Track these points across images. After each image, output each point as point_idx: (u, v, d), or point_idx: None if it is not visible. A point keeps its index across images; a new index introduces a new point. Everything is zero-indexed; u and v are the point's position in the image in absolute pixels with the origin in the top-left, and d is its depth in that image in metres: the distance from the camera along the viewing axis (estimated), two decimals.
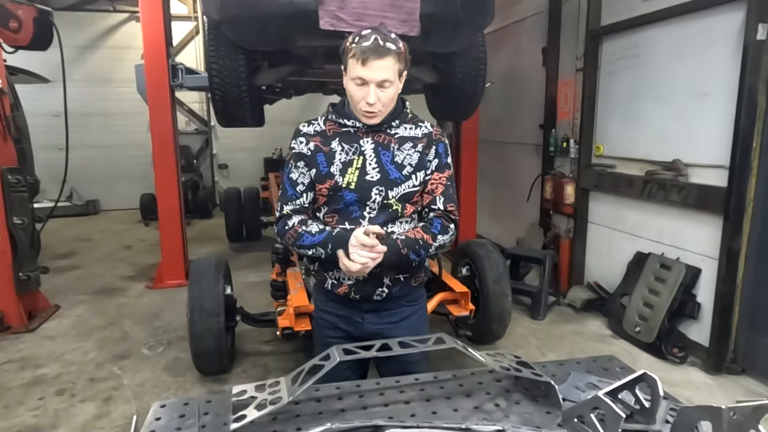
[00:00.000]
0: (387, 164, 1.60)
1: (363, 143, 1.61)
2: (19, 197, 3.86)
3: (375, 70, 1.47)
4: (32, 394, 3.03)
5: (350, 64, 1.50)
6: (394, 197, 1.60)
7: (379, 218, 1.60)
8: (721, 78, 3.14)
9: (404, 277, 1.68)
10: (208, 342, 2.97)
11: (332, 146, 1.60)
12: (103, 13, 9.08)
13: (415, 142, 1.63)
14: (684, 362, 3.34)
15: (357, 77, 1.48)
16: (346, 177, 1.58)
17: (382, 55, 1.46)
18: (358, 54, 1.46)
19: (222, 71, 3.32)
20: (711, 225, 3.26)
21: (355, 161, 1.59)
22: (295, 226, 1.62)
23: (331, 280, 1.68)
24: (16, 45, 3.79)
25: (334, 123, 1.64)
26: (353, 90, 1.52)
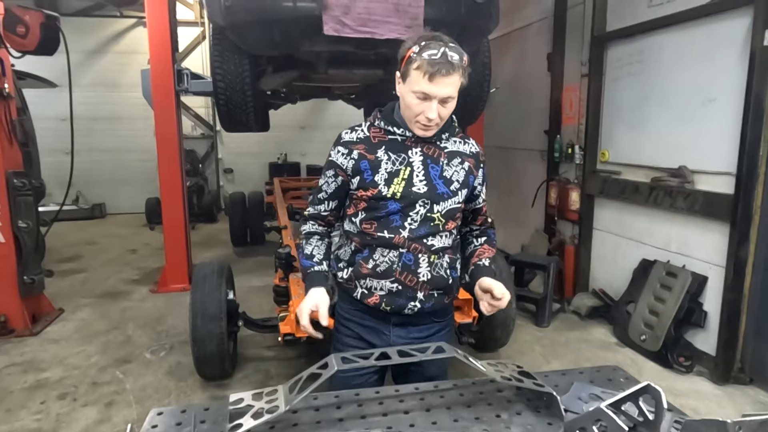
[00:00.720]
0: (435, 178, 1.54)
1: (411, 154, 1.53)
2: (24, 201, 3.87)
3: (441, 86, 1.39)
4: (35, 398, 3.03)
5: (413, 76, 1.39)
6: (439, 212, 1.54)
7: (420, 230, 1.54)
8: (727, 84, 3.11)
9: (438, 293, 1.61)
10: (209, 347, 2.96)
11: (378, 155, 1.52)
12: (110, 19, 9.16)
13: (463, 159, 1.58)
14: (690, 371, 3.30)
15: (420, 91, 1.40)
16: (392, 187, 1.51)
17: (449, 71, 1.37)
18: (425, 68, 1.36)
19: (226, 76, 3.34)
20: (718, 232, 3.23)
21: (402, 171, 1.52)
22: (302, 235, 1.66)
23: (362, 289, 1.60)
24: (23, 50, 3.81)
25: (380, 130, 1.55)
26: (412, 103, 1.43)
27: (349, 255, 1.62)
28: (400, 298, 1.57)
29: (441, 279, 1.59)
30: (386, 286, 1.56)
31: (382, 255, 1.54)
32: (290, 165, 9.67)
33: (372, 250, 1.55)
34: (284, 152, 9.87)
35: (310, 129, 10.07)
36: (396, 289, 1.56)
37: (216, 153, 9.93)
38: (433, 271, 1.57)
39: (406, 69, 1.42)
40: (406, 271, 1.54)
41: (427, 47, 1.38)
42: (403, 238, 1.52)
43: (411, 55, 1.40)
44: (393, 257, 1.54)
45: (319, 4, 2.89)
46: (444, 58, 1.37)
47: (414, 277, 1.54)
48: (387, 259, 1.54)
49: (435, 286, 1.58)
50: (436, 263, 1.57)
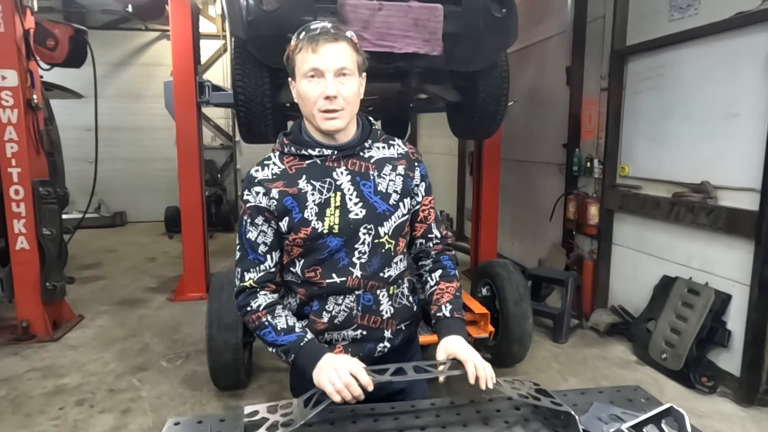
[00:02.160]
0: (371, 196, 1.33)
1: (337, 175, 1.32)
2: (49, 209, 3.96)
3: (330, 55, 1.23)
4: (53, 404, 3.07)
5: (299, 60, 1.25)
6: (386, 234, 1.34)
7: (372, 263, 1.34)
8: (751, 99, 3.06)
9: (406, 325, 1.46)
10: (225, 357, 2.98)
11: (300, 186, 1.30)
12: (135, 32, 9.40)
13: (393, 164, 1.39)
14: (714, 392, 3.21)
15: (310, 69, 1.23)
16: (326, 220, 1.30)
17: (336, 38, 1.24)
18: (307, 41, 1.23)
19: (247, 88, 3.38)
20: (742, 250, 3.16)
21: (332, 200, 1.30)
22: (260, 312, 1.31)
23: (322, 342, 1.39)
24: (52, 62, 3.94)
25: (294, 156, 1.33)
26: (307, 88, 1.25)
27: (296, 308, 1.40)
28: (367, 342, 1.39)
29: (405, 309, 1.43)
30: (349, 335, 1.38)
31: (336, 304, 1.34)
32: None
33: (323, 301, 1.35)
34: None
35: None
36: (360, 336, 1.38)
37: (235, 163, 10.06)
38: (395, 304, 1.41)
39: (291, 62, 1.28)
40: (368, 313, 1.36)
41: (303, 30, 1.27)
42: (356, 278, 1.33)
43: (291, 46, 1.28)
44: (350, 303, 1.35)
45: (338, 19, 2.92)
46: (325, 28, 1.25)
47: (377, 317, 1.38)
48: (343, 307, 1.35)
49: (401, 318, 1.43)
50: (397, 293, 1.41)
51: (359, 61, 1.30)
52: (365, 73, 1.36)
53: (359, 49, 1.30)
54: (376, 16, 2.94)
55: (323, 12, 2.94)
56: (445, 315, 1.37)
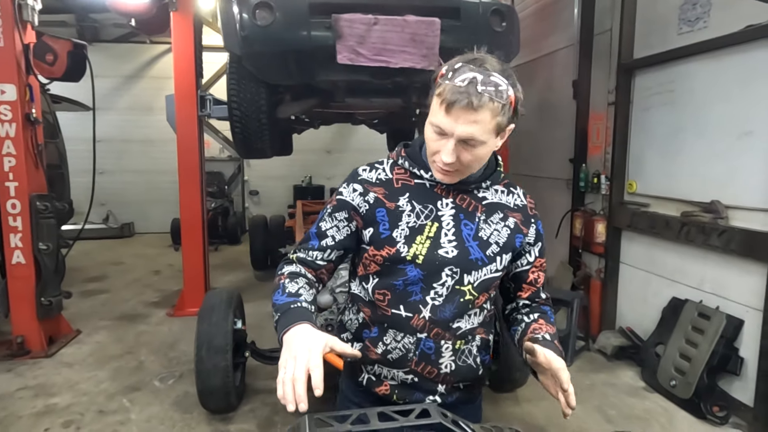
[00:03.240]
0: (468, 239, 1.22)
1: (441, 206, 1.22)
2: (46, 223, 3.94)
3: (460, 123, 1.07)
4: (40, 425, 3.01)
5: (433, 104, 1.11)
6: (470, 284, 1.22)
7: (445, 309, 1.21)
8: (765, 116, 2.92)
9: (465, 385, 1.31)
10: (214, 380, 2.89)
11: (400, 203, 1.22)
12: (147, 45, 9.49)
13: (505, 214, 1.27)
14: (726, 423, 3.04)
15: (436, 125, 1.10)
16: (413, 247, 1.20)
17: (475, 106, 1.05)
18: (445, 95, 1.07)
19: (242, 104, 3.34)
20: (756, 273, 3.00)
21: (427, 228, 1.21)
22: (283, 275, 1.26)
23: (369, 374, 1.30)
24: (51, 77, 3.94)
25: (404, 171, 1.26)
26: (428, 137, 1.15)
27: (356, 327, 1.32)
28: (416, 391, 1.27)
29: (468, 369, 1.28)
30: (399, 376, 1.27)
31: (395, 339, 1.24)
32: (315, 188, 9.72)
33: (383, 331, 1.25)
34: (309, 175, 9.92)
35: (337, 152, 10.13)
36: (411, 381, 1.26)
37: (242, 175, 10.06)
38: (458, 361, 1.27)
39: (432, 94, 1.13)
40: (424, 361, 1.24)
41: (455, 70, 1.08)
42: (423, 319, 1.21)
43: (438, 80, 1.11)
44: (408, 344, 1.23)
45: (334, 34, 2.86)
46: (472, 87, 1.04)
47: (434, 369, 1.25)
48: (401, 345, 1.24)
49: (461, 378, 1.28)
50: (463, 350, 1.27)
51: (502, 122, 1.10)
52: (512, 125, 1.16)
53: (509, 109, 1.10)
54: (371, 30, 2.88)
55: (318, 27, 2.89)
56: (545, 337, 1.21)
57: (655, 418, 3.14)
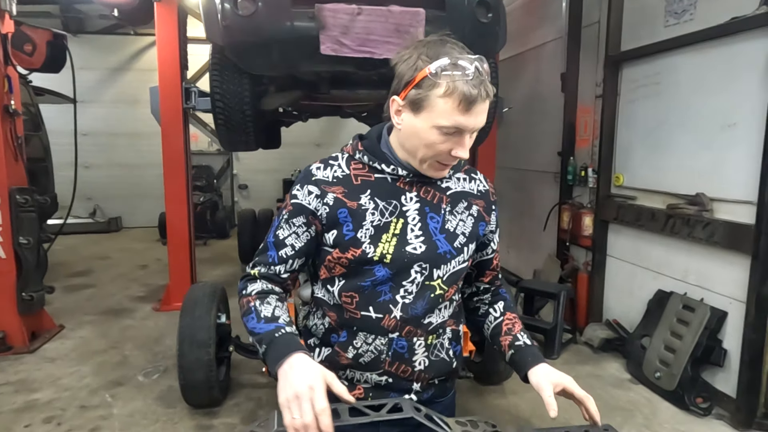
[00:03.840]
0: (435, 232, 1.18)
1: (405, 200, 1.17)
2: (26, 217, 3.87)
3: (479, 115, 1.04)
4: (20, 421, 2.96)
5: (440, 105, 1.02)
6: (440, 278, 1.19)
7: (416, 306, 1.18)
8: (749, 108, 2.92)
9: (440, 380, 1.29)
10: (197, 375, 2.87)
11: (362, 202, 1.16)
12: (133, 37, 9.35)
13: (469, 202, 1.23)
14: (708, 414, 3.06)
15: (452, 126, 1.04)
16: (380, 247, 1.15)
17: (488, 94, 1.04)
18: (461, 96, 1.00)
19: (225, 96, 3.29)
20: (739, 265, 3.01)
21: (392, 225, 1.16)
22: (251, 296, 1.17)
23: (340, 379, 1.17)
24: (30, 68, 3.85)
25: (363, 166, 1.19)
26: (435, 140, 1.07)
27: (322, 332, 1.26)
28: (391, 391, 1.22)
29: (442, 363, 1.25)
30: (372, 379, 1.22)
31: (365, 342, 1.19)
32: None
33: (352, 334, 1.20)
34: (299, 169, 9.84)
35: (326, 146, 10.07)
36: (385, 382, 1.22)
37: (231, 169, 9.98)
38: (431, 356, 1.23)
39: (421, 96, 1.04)
40: (398, 360, 1.20)
41: (453, 63, 1.01)
42: (394, 319, 1.17)
43: (429, 76, 1.02)
44: (380, 345, 1.19)
45: (317, 24, 2.82)
46: (479, 77, 1.01)
47: (408, 367, 1.21)
48: (373, 347, 1.19)
49: (435, 373, 1.25)
50: (435, 344, 1.24)
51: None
52: None
53: None
54: (355, 21, 2.84)
55: (301, 17, 2.85)
56: (526, 343, 1.25)
57: (639, 410, 3.16)
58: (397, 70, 1.10)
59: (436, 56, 1.04)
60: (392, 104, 1.12)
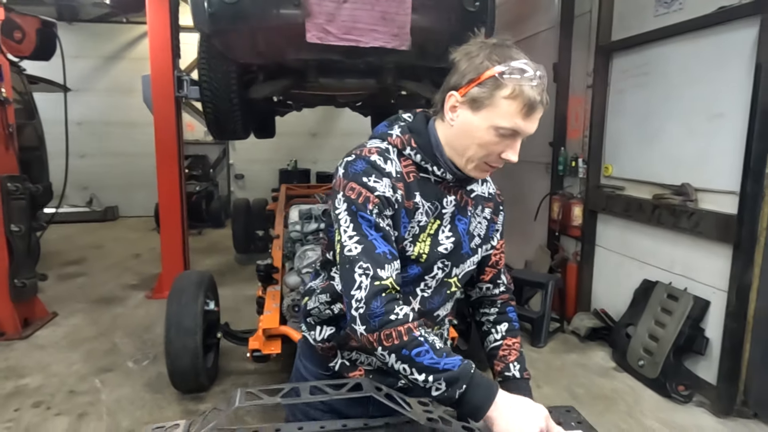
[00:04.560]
0: (463, 233, 1.21)
1: (446, 203, 1.18)
2: (17, 205, 3.89)
3: (535, 122, 1.07)
4: (9, 405, 3.00)
5: (504, 107, 1.03)
6: (456, 276, 1.22)
7: (433, 300, 1.21)
8: (734, 98, 2.93)
9: None
10: (184, 361, 2.90)
11: (416, 200, 1.13)
12: (127, 25, 9.31)
13: (483, 206, 1.27)
14: (689, 401, 3.10)
15: (510, 128, 1.05)
16: (417, 246, 1.14)
17: (545, 104, 1.07)
18: (526, 100, 1.02)
19: (213, 83, 3.30)
20: (722, 255, 3.03)
21: (429, 226, 1.16)
22: (411, 324, 1.02)
23: (343, 359, 1.25)
24: (19, 55, 3.85)
25: (413, 165, 1.15)
26: (489, 140, 1.07)
27: (328, 316, 1.25)
28: (390, 376, 1.20)
29: None
30: (375, 362, 1.23)
31: None
32: (300, 172, 9.67)
33: None
34: (295, 159, 9.86)
35: (322, 136, 10.07)
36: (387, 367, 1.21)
37: (227, 159, 9.98)
38: None
39: (484, 94, 1.04)
40: None
41: (519, 68, 1.03)
42: (412, 311, 1.13)
43: (496, 77, 1.03)
44: None
45: (302, 12, 2.82)
46: (541, 84, 1.04)
47: None
48: None
49: None
50: (438, 334, 1.28)
51: None
52: None
53: None
54: (341, 8, 2.84)
55: (286, 4, 2.84)
56: (515, 375, 1.26)
57: (622, 397, 3.19)
58: (460, 66, 1.09)
59: (504, 59, 1.04)
60: (448, 99, 1.10)
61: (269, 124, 6.58)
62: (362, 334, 1.04)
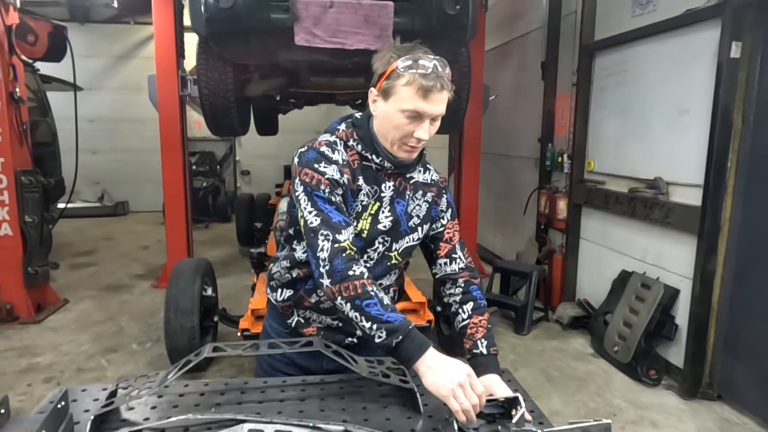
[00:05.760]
0: (401, 214, 1.41)
1: (384, 188, 1.39)
2: (31, 197, 4.15)
3: (436, 103, 1.24)
4: (23, 381, 3.26)
5: (403, 93, 1.24)
6: (396, 250, 1.43)
7: (375, 271, 1.40)
8: (699, 96, 3.08)
9: None
10: (181, 340, 3.13)
11: (359, 183, 1.36)
12: (137, 26, 9.59)
13: (424, 190, 1.46)
14: (658, 384, 3.27)
15: (413, 110, 1.24)
16: (360, 223, 1.36)
17: (443, 87, 1.24)
18: (419, 83, 1.21)
19: (210, 83, 3.51)
20: (689, 245, 3.19)
21: (370, 206, 1.38)
22: (365, 280, 1.20)
23: (299, 317, 1.49)
24: (32, 57, 4.10)
25: (356, 155, 1.37)
26: (401, 123, 1.27)
27: (287, 280, 1.47)
28: (339, 333, 1.49)
29: None
30: (326, 321, 1.47)
31: None
32: None
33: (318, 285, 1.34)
34: None
35: None
36: (336, 325, 1.47)
37: (234, 155, 10.24)
38: None
39: (390, 85, 1.26)
40: None
41: (415, 60, 1.24)
42: None
43: (396, 70, 1.24)
44: None
45: (291, 16, 3.02)
46: (436, 71, 1.23)
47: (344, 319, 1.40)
48: None
49: None
50: None
51: (450, 98, 1.30)
52: None
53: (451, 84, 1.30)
54: (327, 13, 3.03)
55: (276, 9, 3.04)
56: (482, 352, 1.38)
57: (594, 380, 3.37)
58: (374, 67, 1.32)
59: (403, 55, 1.26)
60: (370, 95, 1.34)
61: (272, 122, 6.81)
62: (327, 286, 1.24)
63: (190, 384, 1.49)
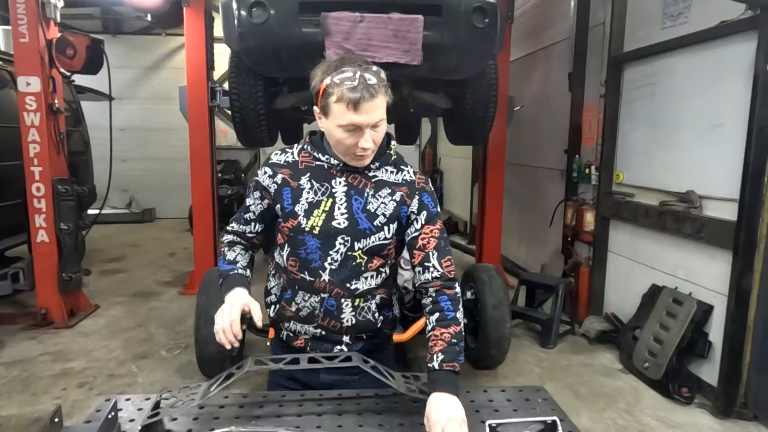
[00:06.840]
0: (357, 212, 1.43)
1: (335, 184, 1.44)
2: (67, 205, 4.27)
3: (369, 112, 1.28)
4: (58, 385, 3.34)
5: (335, 109, 1.29)
6: (360, 249, 1.44)
7: (341, 272, 1.44)
8: (734, 109, 3.03)
9: (367, 335, 1.54)
10: (211, 348, 3.17)
11: (301, 182, 1.44)
12: (167, 37, 9.83)
13: (393, 189, 1.46)
14: (691, 402, 3.19)
15: (349, 124, 1.30)
16: (311, 220, 1.42)
17: (373, 95, 1.27)
18: (347, 99, 1.26)
19: (241, 95, 3.58)
20: (723, 261, 3.12)
21: (323, 203, 1.43)
22: (224, 244, 1.57)
23: (287, 331, 1.57)
24: (71, 70, 4.25)
25: (309, 155, 1.47)
26: (342, 137, 1.33)
27: (279, 293, 1.56)
28: (325, 342, 1.52)
29: (368, 323, 1.52)
30: (310, 330, 1.51)
31: (303, 299, 1.48)
32: None
33: (295, 292, 1.49)
34: None
35: None
36: (320, 335, 1.51)
37: (259, 163, 10.38)
38: (358, 316, 1.49)
39: (324, 103, 1.32)
40: (329, 316, 1.48)
41: (340, 75, 1.28)
42: (323, 282, 1.44)
43: (327, 88, 1.30)
44: (314, 302, 1.47)
45: (322, 31, 3.07)
46: (363, 82, 1.26)
47: (337, 323, 1.48)
48: (308, 304, 1.48)
49: (362, 329, 1.52)
50: (362, 307, 1.49)
51: (389, 101, 1.34)
52: None
53: (387, 87, 1.34)
54: (357, 27, 3.07)
55: (307, 24, 3.10)
56: (434, 367, 1.33)
57: (623, 396, 3.31)
58: (311, 86, 1.38)
59: (330, 73, 1.31)
60: (315, 112, 1.41)
61: (297, 130, 6.89)
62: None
63: (229, 396, 1.52)
